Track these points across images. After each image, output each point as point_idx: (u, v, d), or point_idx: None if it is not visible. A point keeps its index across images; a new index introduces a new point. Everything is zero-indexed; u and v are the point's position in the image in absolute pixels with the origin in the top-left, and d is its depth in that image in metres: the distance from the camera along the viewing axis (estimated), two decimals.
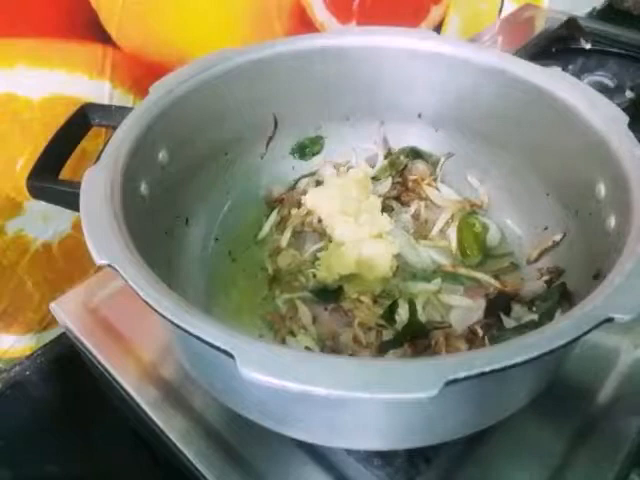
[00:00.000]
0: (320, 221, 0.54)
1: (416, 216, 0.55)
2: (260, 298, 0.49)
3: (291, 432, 0.38)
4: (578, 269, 0.44)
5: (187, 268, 0.48)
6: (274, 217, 0.55)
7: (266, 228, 0.54)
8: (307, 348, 0.44)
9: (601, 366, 0.46)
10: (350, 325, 0.46)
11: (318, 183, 0.57)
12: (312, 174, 0.58)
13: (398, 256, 0.51)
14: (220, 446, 0.42)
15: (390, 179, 0.57)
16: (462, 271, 0.50)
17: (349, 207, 0.53)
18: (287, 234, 0.53)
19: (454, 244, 0.52)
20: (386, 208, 0.55)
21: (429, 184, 0.56)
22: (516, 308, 0.46)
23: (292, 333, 0.46)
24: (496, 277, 0.49)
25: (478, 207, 0.55)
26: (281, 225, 0.55)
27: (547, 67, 0.48)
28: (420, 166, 0.57)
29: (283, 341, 0.46)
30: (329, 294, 0.49)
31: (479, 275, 0.49)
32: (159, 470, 0.48)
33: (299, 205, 0.55)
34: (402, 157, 0.57)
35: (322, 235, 0.53)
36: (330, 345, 0.45)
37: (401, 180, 0.57)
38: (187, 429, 0.43)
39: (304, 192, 0.56)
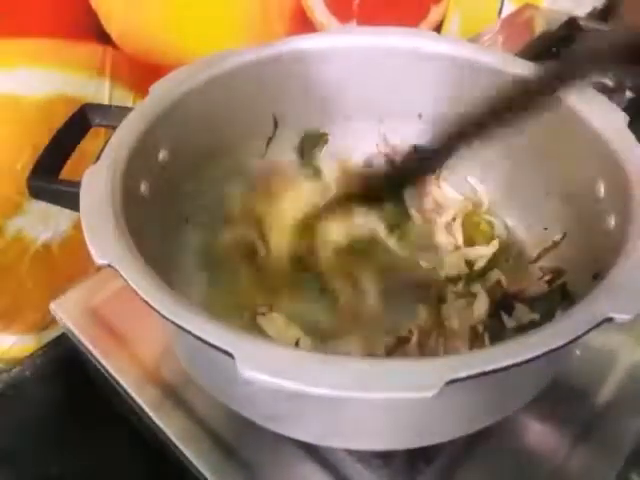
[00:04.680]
0: None
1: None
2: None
3: (291, 432, 0.38)
4: (578, 269, 0.44)
5: (187, 267, 0.48)
6: None
7: None
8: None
9: (601, 366, 0.46)
10: None
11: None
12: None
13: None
14: (220, 446, 0.42)
15: None
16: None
17: None
18: None
19: (460, 242, 0.52)
20: None
21: (431, 182, 0.56)
22: (519, 308, 0.46)
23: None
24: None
25: (479, 207, 0.55)
26: None
27: None
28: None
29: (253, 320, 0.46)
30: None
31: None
32: (159, 470, 0.48)
33: None
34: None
35: None
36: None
37: None
38: (187, 429, 0.43)
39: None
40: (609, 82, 0.76)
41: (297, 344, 0.44)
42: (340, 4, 0.75)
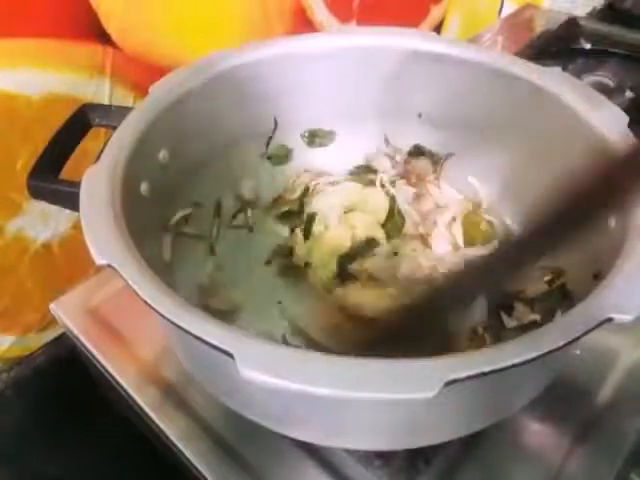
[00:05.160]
0: None
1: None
2: None
3: (291, 432, 0.38)
4: (578, 269, 0.44)
5: (187, 267, 0.48)
6: None
7: None
8: None
9: (601, 366, 0.46)
10: None
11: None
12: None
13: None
14: (220, 446, 0.42)
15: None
16: None
17: None
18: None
19: (460, 242, 0.52)
20: None
21: (431, 182, 0.56)
22: (519, 308, 0.46)
23: None
24: None
25: (479, 207, 0.55)
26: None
27: (547, 67, 0.48)
28: (422, 163, 0.57)
29: None
30: None
31: None
32: (159, 470, 0.48)
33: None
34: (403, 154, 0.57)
35: None
36: None
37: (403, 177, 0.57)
38: (187, 429, 0.43)
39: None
40: (609, 82, 0.76)
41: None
42: (340, 4, 0.75)
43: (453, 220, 0.54)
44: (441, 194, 0.56)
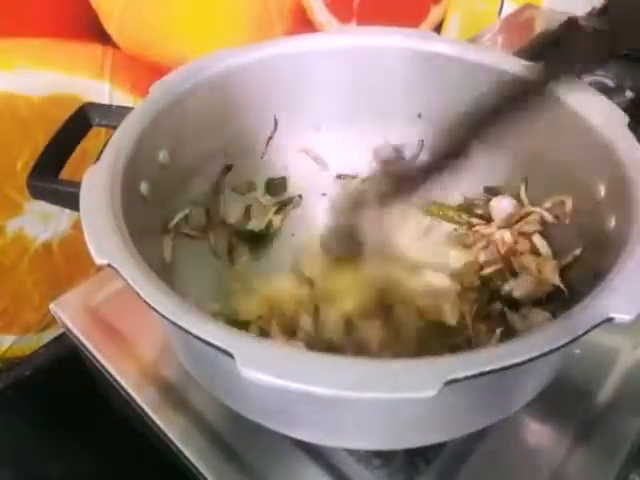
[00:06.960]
0: None
1: None
2: None
3: (291, 432, 0.38)
4: (578, 269, 0.44)
5: (187, 267, 0.48)
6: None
7: None
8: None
9: (601, 366, 0.46)
10: None
11: None
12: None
13: None
14: (220, 446, 0.42)
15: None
16: None
17: None
18: None
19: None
20: None
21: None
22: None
23: None
24: None
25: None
26: None
27: None
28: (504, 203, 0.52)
29: None
30: None
31: None
32: (159, 470, 0.48)
33: None
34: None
35: None
36: None
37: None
38: (187, 429, 0.43)
39: None
40: (609, 82, 0.76)
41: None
42: (340, 4, 0.75)
43: None
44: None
